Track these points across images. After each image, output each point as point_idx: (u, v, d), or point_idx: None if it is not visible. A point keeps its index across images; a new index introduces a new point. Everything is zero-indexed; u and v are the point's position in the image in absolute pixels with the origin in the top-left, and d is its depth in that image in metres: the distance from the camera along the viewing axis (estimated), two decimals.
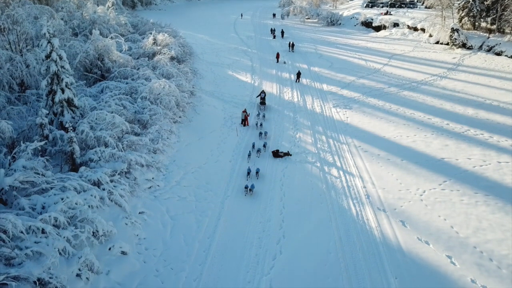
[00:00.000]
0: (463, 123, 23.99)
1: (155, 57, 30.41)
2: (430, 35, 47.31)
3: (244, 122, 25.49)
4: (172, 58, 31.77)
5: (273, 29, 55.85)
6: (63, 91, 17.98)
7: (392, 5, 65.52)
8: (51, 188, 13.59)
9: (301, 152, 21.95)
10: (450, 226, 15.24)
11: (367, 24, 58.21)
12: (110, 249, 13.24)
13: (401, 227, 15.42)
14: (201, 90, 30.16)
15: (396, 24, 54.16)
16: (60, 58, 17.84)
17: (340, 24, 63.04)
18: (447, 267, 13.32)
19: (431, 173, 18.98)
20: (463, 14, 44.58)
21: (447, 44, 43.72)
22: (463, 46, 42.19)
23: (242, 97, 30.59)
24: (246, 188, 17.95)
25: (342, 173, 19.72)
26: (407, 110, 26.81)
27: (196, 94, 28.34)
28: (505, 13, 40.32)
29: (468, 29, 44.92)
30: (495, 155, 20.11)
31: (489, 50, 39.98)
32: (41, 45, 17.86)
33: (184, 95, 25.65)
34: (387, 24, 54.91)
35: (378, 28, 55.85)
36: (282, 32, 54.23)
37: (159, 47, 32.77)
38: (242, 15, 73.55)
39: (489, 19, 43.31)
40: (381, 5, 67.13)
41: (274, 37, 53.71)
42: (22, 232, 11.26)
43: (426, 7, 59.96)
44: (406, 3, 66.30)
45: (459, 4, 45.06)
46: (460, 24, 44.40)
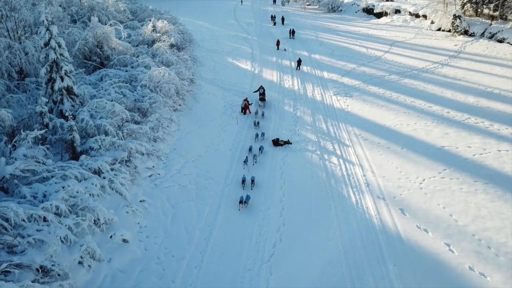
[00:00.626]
0: (464, 111, 23.92)
1: (155, 44, 30.18)
2: (432, 22, 46.79)
3: (244, 110, 25.42)
4: (171, 46, 31.55)
5: (273, 15, 55.22)
6: (62, 79, 17.90)
7: None
8: (52, 177, 13.64)
9: (301, 141, 21.95)
10: (449, 214, 15.33)
11: (369, 11, 57.54)
12: (111, 237, 13.36)
13: (400, 215, 15.51)
14: (201, 78, 30.01)
15: (397, 11, 53.50)
16: (59, 46, 17.72)
17: (341, 10, 62.30)
18: (445, 254, 13.45)
19: (431, 161, 19.01)
20: (465, 1, 44.04)
21: (449, 31, 43.29)
22: (465, 33, 41.77)
23: (242, 85, 30.46)
24: (240, 202, 16.18)
25: (342, 161, 19.76)
26: (408, 98, 26.71)
27: (196, 82, 28.21)
28: None
29: (470, 15, 44.43)
30: (495, 143, 20.10)
31: (491, 37, 39.60)
32: (39, 32, 17.72)
33: (183, 83, 25.53)
34: (388, 11, 54.25)
35: (380, 15, 55.24)
36: (283, 19, 53.65)
37: (158, 34, 32.50)
38: (242, 2, 72.62)
39: (491, 6, 42.76)
40: None
41: (275, 24, 53.16)
42: (24, 220, 11.36)
43: None
44: None
45: None
46: (463, 10, 43.89)
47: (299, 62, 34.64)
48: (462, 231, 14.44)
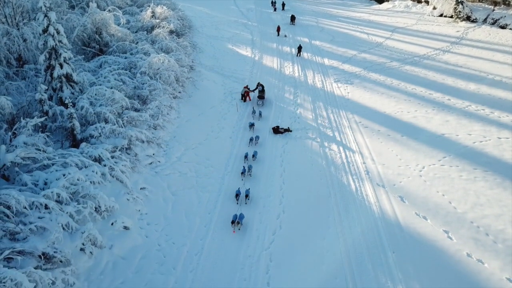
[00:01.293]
0: (465, 99, 23.83)
1: (154, 30, 29.87)
2: (434, 8, 46.28)
3: (244, 97, 25.32)
4: (171, 32, 31.21)
5: (273, 1, 54.53)
6: (61, 66, 17.79)
7: None
8: (53, 164, 13.69)
9: (301, 128, 21.93)
10: (448, 201, 15.42)
11: None
12: (112, 224, 13.46)
13: (399, 203, 15.60)
14: (200, 65, 29.81)
15: None
16: (58, 32, 17.54)
17: None
18: (444, 241, 13.57)
19: (431, 149, 19.03)
20: None
21: (451, 17, 42.84)
22: (468, 19, 41.35)
23: (242, 72, 30.26)
24: (233, 222, 14.44)
25: (342, 148, 19.78)
26: (409, 85, 26.58)
27: (195, 69, 28.03)
28: None
29: (473, 1, 43.89)
30: (496, 130, 20.08)
31: (493, 23, 39.21)
32: (37, 18, 17.53)
33: (183, 70, 25.37)
34: None
35: (381, 0, 54.58)
36: (283, 5, 53.03)
37: (157, 20, 32.14)
38: None
39: None
40: None
41: (275, 9, 52.56)
42: (25, 207, 11.44)
43: None
44: None
45: None
46: None
47: (299, 49, 34.37)
48: (460, 218, 14.54)
